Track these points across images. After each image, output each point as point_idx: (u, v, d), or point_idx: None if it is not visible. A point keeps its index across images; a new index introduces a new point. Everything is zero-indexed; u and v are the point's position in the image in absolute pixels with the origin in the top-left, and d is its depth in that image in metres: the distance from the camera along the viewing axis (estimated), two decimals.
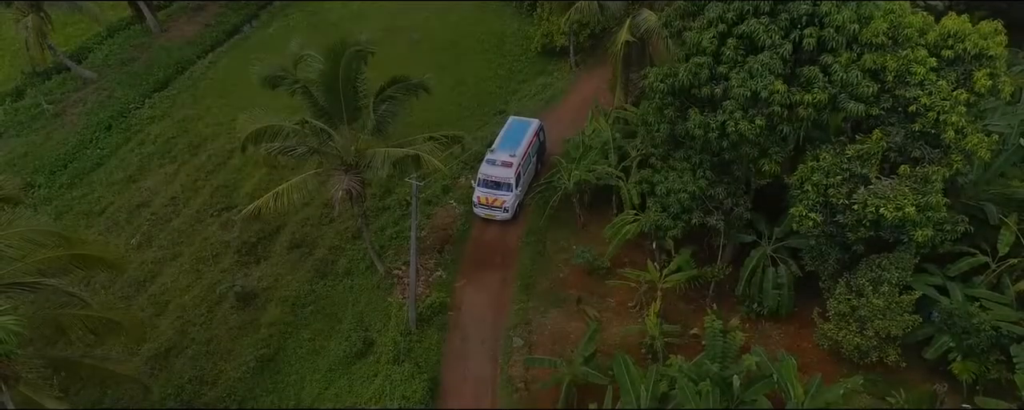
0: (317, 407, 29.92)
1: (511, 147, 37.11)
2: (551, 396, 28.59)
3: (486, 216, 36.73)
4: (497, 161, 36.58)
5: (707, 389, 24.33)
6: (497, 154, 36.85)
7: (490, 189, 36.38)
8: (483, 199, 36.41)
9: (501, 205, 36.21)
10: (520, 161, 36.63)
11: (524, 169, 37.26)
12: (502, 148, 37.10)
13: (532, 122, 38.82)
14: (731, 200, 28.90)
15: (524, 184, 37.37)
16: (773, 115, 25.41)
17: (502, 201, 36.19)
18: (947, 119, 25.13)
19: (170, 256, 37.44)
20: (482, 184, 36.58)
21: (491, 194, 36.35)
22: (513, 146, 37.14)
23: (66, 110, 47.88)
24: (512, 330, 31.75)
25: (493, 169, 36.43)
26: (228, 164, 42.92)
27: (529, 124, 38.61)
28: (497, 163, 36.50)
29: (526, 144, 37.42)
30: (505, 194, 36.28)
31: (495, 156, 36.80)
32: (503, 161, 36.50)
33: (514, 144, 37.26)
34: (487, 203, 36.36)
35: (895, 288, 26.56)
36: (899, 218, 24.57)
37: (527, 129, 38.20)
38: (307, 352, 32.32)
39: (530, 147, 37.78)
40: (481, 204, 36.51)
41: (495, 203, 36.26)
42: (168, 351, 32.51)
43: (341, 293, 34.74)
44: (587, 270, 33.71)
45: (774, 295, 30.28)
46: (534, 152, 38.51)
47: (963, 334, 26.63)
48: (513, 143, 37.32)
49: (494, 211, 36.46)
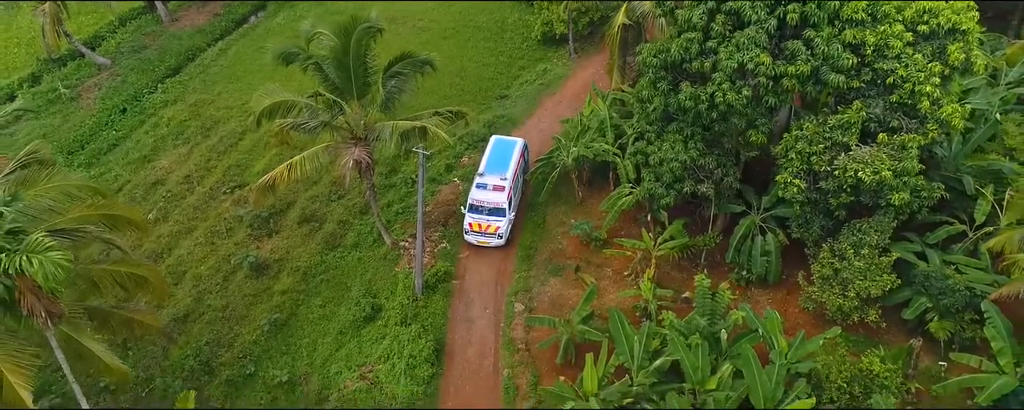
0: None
1: (500, 169, 35.66)
2: (551, 355, 30.19)
3: (479, 243, 35.18)
4: (488, 185, 35.07)
5: (696, 342, 25.97)
6: (487, 178, 35.33)
7: (482, 215, 34.89)
8: (475, 226, 34.86)
9: (495, 231, 34.77)
10: (511, 184, 35.29)
11: (515, 192, 36.23)
12: (490, 171, 35.60)
13: (517, 141, 37.70)
14: (721, 170, 30.52)
15: (515, 207, 36.19)
16: (759, 86, 27.08)
17: (495, 227, 34.75)
18: (922, 90, 26.77)
19: (186, 230, 39.04)
20: (473, 210, 34.98)
21: (484, 220, 34.81)
22: (502, 168, 35.72)
23: (82, 94, 49.50)
24: (513, 296, 33.35)
25: (485, 194, 34.93)
26: (239, 145, 44.56)
27: (514, 144, 37.44)
28: (488, 187, 35.01)
29: (514, 165, 36.03)
30: (498, 220, 34.78)
31: (485, 180, 35.26)
32: (495, 185, 35.03)
33: (502, 166, 35.84)
34: (480, 230, 34.88)
35: (875, 251, 28.17)
36: (876, 181, 26.19)
37: (512, 149, 36.93)
38: (318, 317, 33.91)
39: (518, 168, 36.55)
40: (473, 231, 34.98)
41: (488, 229, 34.79)
42: (186, 316, 34.08)
43: (350, 264, 36.32)
44: (585, 241, 35.28)
45: (762, 262, 31.87)
46: (522, 173, 37.45)
47: (939, 295, 28.20)
48: (501, 165, 35.91)
49: (487, 238, 34.95)
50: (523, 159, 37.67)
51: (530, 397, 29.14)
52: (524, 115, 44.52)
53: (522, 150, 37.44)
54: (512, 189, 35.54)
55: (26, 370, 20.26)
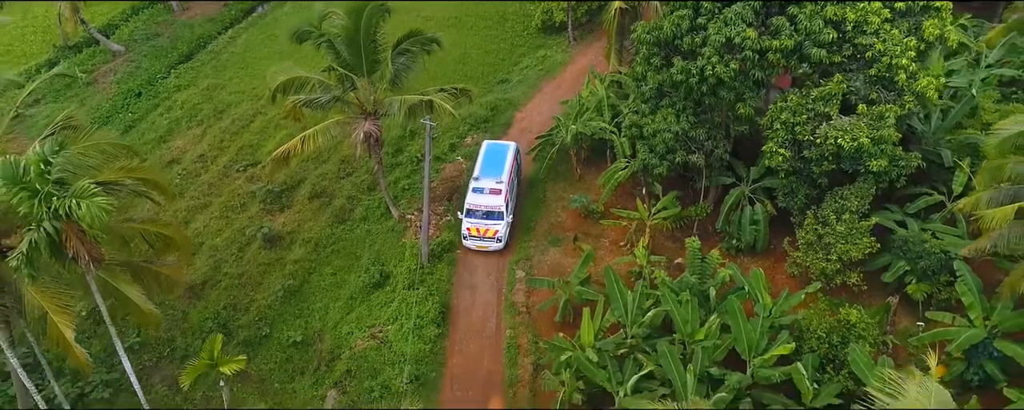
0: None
1: (495, 173, 35.91)
2: (550, 316, 31.97)
3: (478, 248, 35.36)
4: (485, 189, 35.25)
5: (686, 298, 27.75)
6: (483, 181, 35.52)
7: (480, 219, 35.02)
8: (474, 230, 34.94)
9: (494, 235, 34.95)
10: (507, 187, 35.57)
11: (511, 194, 36.50)
12: (486, 175, 35.86)
13: (509, 145, 38.00)
14: (711, 142, 32.27)
15: (512, 210, 36.43)
16: (746, 60, 28.85)
17: (495, 231, 34.90)
18: (898, 63, 28.57)
19: (201, 205, 40.80)
20: (471, 214, 35.11)
21: (482, 224, 34.91)
22: (497, 171, 35.98)
23: (98, 79, 51.31)
24: (515, 264, 35.11)
25: (482, 198, 35.09)
26: (251, 127, 46.35)
27: (507, 147, 37.71)
28: (485, 191, 35.18)
29: (509, 168, 36.31)
30: (497, 223, 34.94)
31: (482, 184, 35.44)
32: (491, 189, 35.21)
33: (497, 169, 36.11)
34: (479, 234, 35.00)
35: (855, 216, 29.93)
36: (855, 148, 27.97)
37: (506, 152, 37.21)
38: (329, 284, 35.68)
39: (512, 171, 36.80)
40: (472, 235, 35.08)
41: (487, 233, 34.95)
42: (204, 284, 35.84)
43: (359, 236, 38.10)
44: (583, 214, 37.05)
45: (751, 230, 33.63)
46: (516, 175, 37.78)
47: (917, 258, 29.97)
48: (496, 168, 36.18)
49: (487, 242, 35.10)
50: (516, 162, 37.83)
51: (531, 354, 30.90)
52: (524, 98, 46.32)
53: (515, 153, 37.66)
54: (508, 192, 35.80)
55: (69, 312, 22.11)
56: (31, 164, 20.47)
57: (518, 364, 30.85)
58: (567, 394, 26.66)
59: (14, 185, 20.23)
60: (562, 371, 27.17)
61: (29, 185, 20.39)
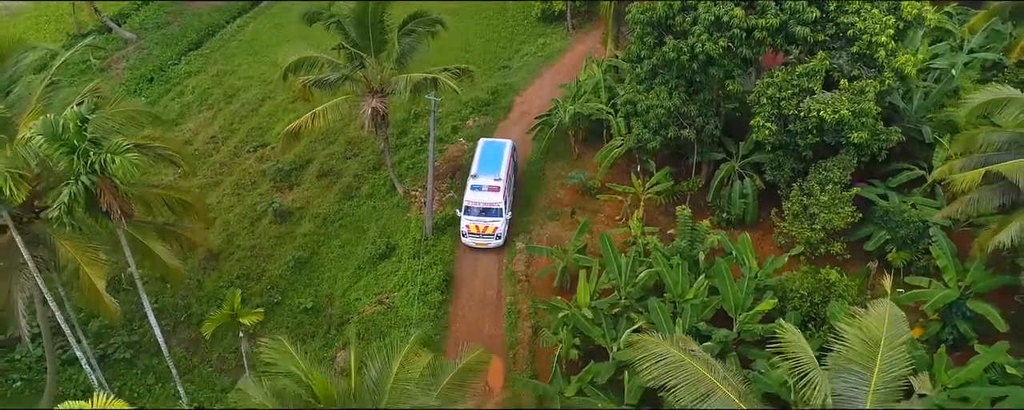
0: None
1: (493, 170, 36.35)
2: (548, 283, 33.62)
3: (477, 245, 35.71)
4: (483, 186, 35.67)
5: (677, 262, 29.42)
6: (481, 179, 35.99)
7: (479, 217, 35.51)
8: (473, 228, 35.37)
9: (493, 232, 35.38)
10: (505, 184, 36.04)
11: (509, 191, 36.97)
12: (483, 172, 36.33)
13: (505, 142, 38.64)
14: (702, 118, 33.92)
15: (510, 207, 36.85)
16: (734, 37, 30.51)
17: (494, 228, 35.32)
18: (878, 41, 30.22)
19: (213, 183, 42.44)
20: (470, 212, 35.52)
21: (481, 222, 35.39)
22: (494, 169, 36.44)
23: (111, 65, 52.95)
24: (515, 236, 36.74)
25: (480, 195, 35.51)
26: (260, 110, 48.01)
27: (503, 145, 38.26)
28: (484, 189, 35.61)
29: (506, 165, 36.78)
30: (495, 220, 35.37)
31: (480, 181, 35.92)
32: (490, 186, 35.64)
33: (495, 167, 36.58)
34: (478, 231, 35.42)
35: (838, 186, 31.57)
36: (836, 120, 29.61)
37: (502, 150, 37.78)
38: (338, 256, 37.34)
39: (509, 168, 37.29)
40: (471, 233, 35.49)
41: (486, 231, 35.36)
42: (217, 255, 37.49)
43: (365, 211, 39.76)
44: (580, 190, 38.68)
45: (740, 204, 35.26)
46: (512, 172, 38.26)
47: (897, 227, 31.63)
48: (493, 166, 36.64)
49: (486, 239, 35.52)
50: (513, 159, 38.30)
51: (530, 318, 32.55)
52: (524, 83, 48.01)
53: (511, 151, 38.19)
54: (506, 189, 36.27)
55: (100, 264, 23.75)
56: (69, 121, 22.12)
57: (518, 327, 32.51)
58: (564, 350, 28.27)
59: (55, 141, 21.90)
60: (560, 329, 28.80)
61: (68, 142, 22.05)
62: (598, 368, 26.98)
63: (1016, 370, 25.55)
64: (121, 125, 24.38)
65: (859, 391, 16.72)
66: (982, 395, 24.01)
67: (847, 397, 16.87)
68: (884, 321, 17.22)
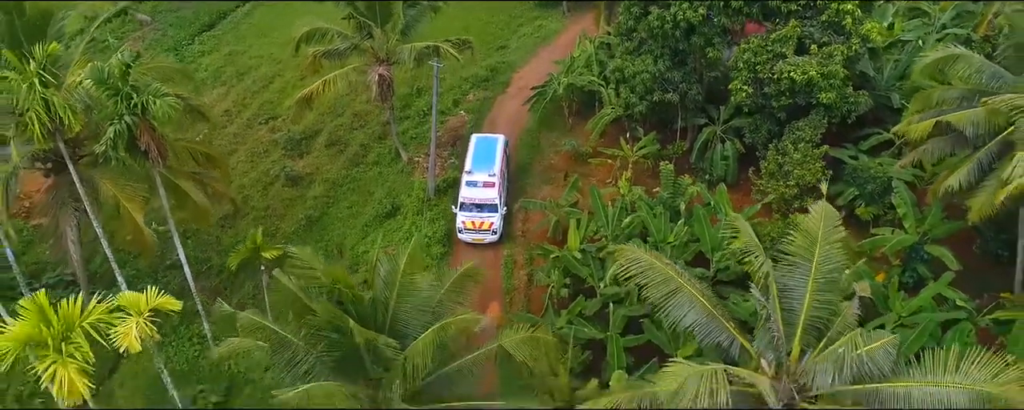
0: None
1: (487, 166, 36.81)
2: (542, 236, 36.30)
3: (474, 241, 36.24)
4: (478, 182, 36.13)
5: (660, 211, 32.10)
6: (475, 175, 36.39)
7: (475, 212, 36.03)
8: (469, 223, 35.88)
9: (490, 228, 35.87)
10: (500, 179, 36.53)
11: (503, 187, 37.38)
12: (477, 168, 36.69)
13: (498, 138, 39.14)
14: (685, 84, 36.59)
15: (505, 202, 37.12)
16: (712, 6, 33.17)
17: (490, 224, 35.83)
18: (845, 9, 32.91)
19: (228, 152, 44.93)
20: (465, 208, 36.06)
21: (477, 217, 35.94)
22: (488, 165, 36.92)
23: (128, 46, 55.48)
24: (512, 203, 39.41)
25: (476, 191, 35.99)
26: (271, 87, 50.69)
27: (496, 140, 38.73)
28: (479, 184, 36.06)
29: (499, 160, 37.29)
30: (491, 216, 35.89)
31: (474, 177, 36.35)
32: (485, 182, 36.12)
33: (488, 162, 37.05)
34: (475, 227, 35.96)
35: (809, 145, 34.25)
36: (805, 80, 32.28)
37: (495, 145, 38.23)
38: (347, 215, 40.00)
39: (503, 162, 37.82)
40: (467, 229, 35.99)
41: (483, 226, 35.87)
42: (234, 214, 40.07)
43: (372, 177, 42.43)
44: (573, 156, 41.40)
45: (722, 165, 37.93)
46: (506, 166, 38.80)
47: (864, 183, 34.34)
48: (487, 162, 37.13)
49: (482, 234, 36.03)
50: (506, 154, 38.88)
51: (525, 267, 35.23)
52: (522, 62, 50.89)
53: (504, 146, 38.77)
54: (501, 184, 36.82)
55: (138, 200, 26.42)
56: (115, 67, 24.79)
57: (514, 276, 35.17)
58: (556, 289, 30.93)
59: (101, 85, 24.56)
60: (552, 271, 31.45)
61: (112, 85, 24.71)
62: (586, 303, 29.61)
63: (965, 304, 28.30)
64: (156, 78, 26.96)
65: (799, 281, 19.53)
66: (931, 320, 26.66)
67: (792, 287, 19.66)
68: (821, 221, 19.97)
